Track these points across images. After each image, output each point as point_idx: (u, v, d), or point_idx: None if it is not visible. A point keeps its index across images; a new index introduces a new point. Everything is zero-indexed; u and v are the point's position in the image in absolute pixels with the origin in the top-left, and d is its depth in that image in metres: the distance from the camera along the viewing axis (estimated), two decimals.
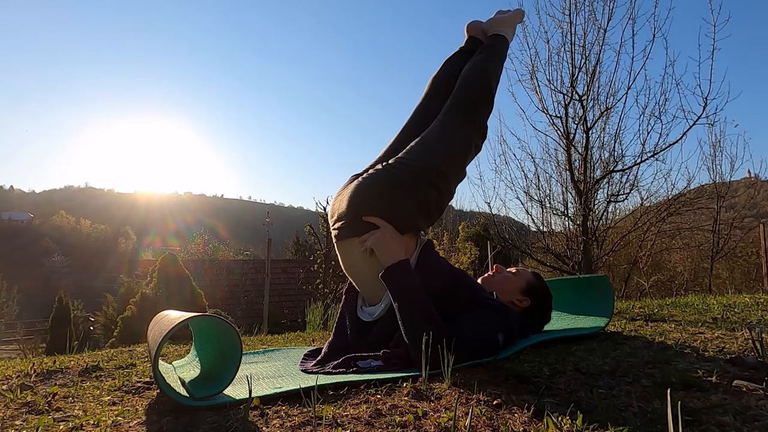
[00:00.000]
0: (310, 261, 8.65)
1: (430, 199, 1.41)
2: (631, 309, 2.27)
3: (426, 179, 1.40)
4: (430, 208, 1.43)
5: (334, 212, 1.46)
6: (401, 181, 1.38)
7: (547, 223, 5.71)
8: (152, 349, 1.01)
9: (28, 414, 0.95)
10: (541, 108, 5.29)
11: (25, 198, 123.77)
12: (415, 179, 1.39)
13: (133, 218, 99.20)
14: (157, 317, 1.24)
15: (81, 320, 11.77)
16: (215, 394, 0.98)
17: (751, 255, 8.15)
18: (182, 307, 4.64)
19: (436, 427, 0.79)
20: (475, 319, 1.30)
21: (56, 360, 1.64)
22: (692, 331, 1.57)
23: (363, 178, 1.41)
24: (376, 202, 1.37)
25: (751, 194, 7.77)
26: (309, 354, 1.50)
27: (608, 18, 4.88)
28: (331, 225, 1.48)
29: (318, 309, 4.23)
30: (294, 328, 3.63)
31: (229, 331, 1.04)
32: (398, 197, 1.37)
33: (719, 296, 2.99)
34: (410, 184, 1.38)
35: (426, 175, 1.40)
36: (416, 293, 1.27)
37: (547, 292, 1.64)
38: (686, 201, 5.40)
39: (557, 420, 0.77)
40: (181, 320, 0.99)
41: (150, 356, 1.13)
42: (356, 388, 1.04)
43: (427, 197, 1.41)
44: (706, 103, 4.35)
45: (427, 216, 1.44)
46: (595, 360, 1.20)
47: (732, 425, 0.76)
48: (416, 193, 1.39)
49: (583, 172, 5.13)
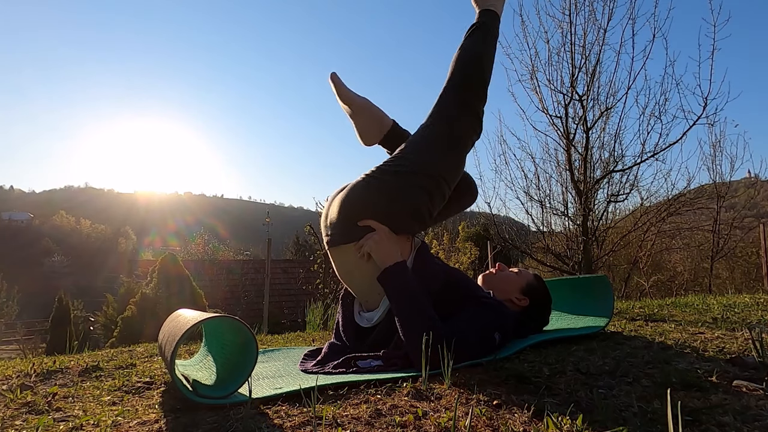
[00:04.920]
0: (310, 261, 8.64)
1: (421, 203, 1.38)
2: (631, 309, 2.27)
3: (415, 183, 1.37)
4: (422, 213, 1.40)
5: (325, 219, 1.45)
6: (389, 186, 1.36)
7: (547, 223, 5.71)
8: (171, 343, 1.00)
9: (28, 414, 0.95)
10: (541, 108, 5.29)
11: (25, 198, 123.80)
12: (403, 184, 1.37)
13: (133, 218, 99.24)
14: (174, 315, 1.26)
15: (81, 320, 11.75)
16: (229, 394, 0.98)
17: (751, 255, 8.16)
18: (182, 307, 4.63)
19: (436, 427, 0.79)
20: (471, 318, 1.30)
21: (56, 360, 1.63)
22: (692, 331, 1.57)
23: (352, 185, 1.40)
24: (366, 208, 1.36)
25: (751, 194, 7.76)
26: (309, 354, 1.49)
27: (608, 18, 4.88)
28: (323, 232, 1.46)
29: (318, 309, 4.23)
30: (294, 328, 3.63)
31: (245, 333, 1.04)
32: (387, 203, 1.36)
33: (719, 296, 2.99)
34: (399, 190, 1.36)
35: (415, 179, 1.37)
36: (413, 294, 1.26)
37: (546, 294, 1.64)
38: (686, 201, 5.40)
39: (557, 420, 0.77)
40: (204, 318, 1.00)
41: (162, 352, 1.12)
42: (356, 388, 1.04)
43: (417, 202, 1.37)
44: (706, 103, 4.35)
45: (419, 220, 1.41)
46: (595, 360, 1.20)
47: (732, 425, 0.75)
48: (405, 197, 1.36)
49: (583, 172, 5.13)
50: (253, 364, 1.00)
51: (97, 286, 31.83)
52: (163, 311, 5.83)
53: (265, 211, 51.94)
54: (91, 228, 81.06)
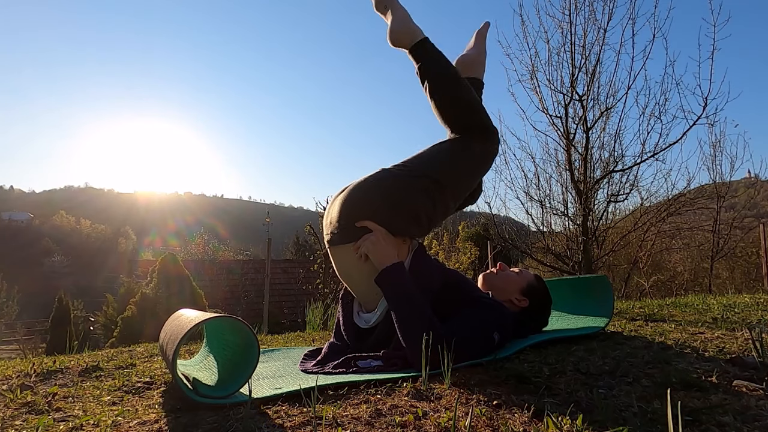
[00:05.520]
0: (310, 261, 8.65)
1: (421, 208, 1.38)
2: (631, 309, 2.27)
3: (419, 187, 1.38)
4: (422, 218, 1.40)
5: (327, 219, 1.46)
6: (393, 188, 1.37)
7: (547, 223, 5.71)
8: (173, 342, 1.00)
9: (28, 414, 0.95)
10: (541, 108, 5.29)
11: (25, 198, 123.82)
12: (406, 187, 1.38)
13: (133, 218, 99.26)
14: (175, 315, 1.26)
15: (81, 320, 11.76)
16: (230, 394, 0.98)
17: (751, 255, 8.15)
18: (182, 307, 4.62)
19: (436, 427, 0.79)
20: (470, 318, 1.30)
21: (56, 360, 1.64)
22: (692, 331, 1.57)
23: (355, 185, 1.41)
24: (366, 209, 1.36)
25: (751, 194, 7.76)
26: (309, 354, 1.50)
27: (608, 18, 4.88)
28: (324, 232, 1.47)
29: (318, 309, 4.23)
30: (294, 328, 3.63)
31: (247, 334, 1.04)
32: (388, 204, 1.36)
33: (719, 296, 2.99)
34: (400, 192, 1.37)
35: (420, 183, 1.38)
36: (411, 295, 1.27)
37: (547, 295, 1.64)
38: (686, 201, 5.40)
39: (557, 420, 0.77)
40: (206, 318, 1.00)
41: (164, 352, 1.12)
42: (356, 388, 1.04)
43: (417, 206, 1.38)
44: (706, 103, 4.35)
45: (418, 225, 1.41)
46: (595, 360, 1.20)
47: (732, 425, 0.75)
48: (407, 200, 1.37)
49: (583, 172, 5.13)
50: (254, 366, 1.00)
51: (97, 286, 31.84)
52: (163, 311, 5.83)
53: (265, 211, 51.95)
54: (91, 228, 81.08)
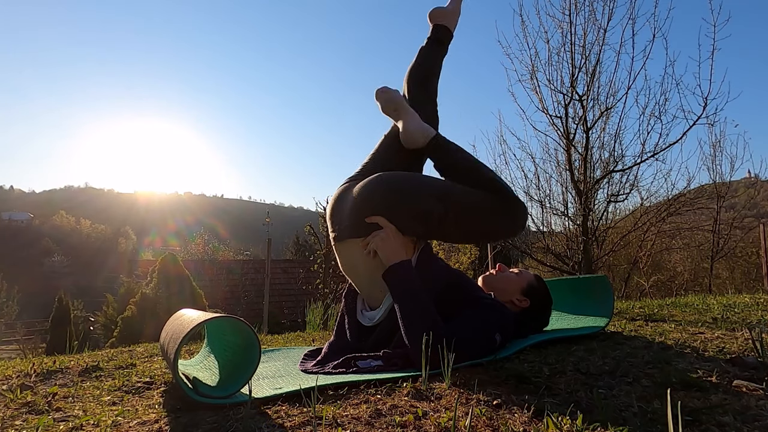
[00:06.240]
0: (310, 261, 8.65)
1: (433, 210, 1.36)
2: (631, 309, 2.27)
3: (432, 192, 1.38)
4: (432, 218, 1.37)
5: (333, 214, 1.46)
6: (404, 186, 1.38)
7: (547, 223, 5.72)
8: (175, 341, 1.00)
9: (28, 414, 0.95)
10: (541, 108, 5.30)
11: (25, 198, 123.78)
12: (419, 185, 1.39)
13: (133, 218, 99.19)
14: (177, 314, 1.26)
15: (81, 320, 11.75)
16: (230, 394, 0.98)
17: (751, 255, 8.15)
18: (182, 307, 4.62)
19: (436, 427, 0.79)
20: (473, 319, 1.30)
21: (56, 360, 1.64)
22: (692, 331, 1.57)
23: (367, 180, 1.41)
24: (377, 205, 1.37)
25: (751, 194, 7.77)
26: (309, 354, 1.50)
27: (608, 18, 4.90)
28: (330, 227, 1.47)
29: (318, 309, 4.22)
30: (294, 328, 3.64)
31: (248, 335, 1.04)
32: (399, 202, 1.36)
33: (719, 296, 2.99)
34: (413, 190, 1.38)
35: (433, 188, 1.39)
36: (417, 293, 1.27)
37: (547, 295, 1.63)
38: (686, 201, 5.40)
39: (557, 420, 0.77)
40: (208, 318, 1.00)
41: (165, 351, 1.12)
42: (356, 388, 1.04)
43: (429, 206, 1.37)
44: (706, 103, 4.35)
45: (426, 225, 1.39)
46: (595, 360, 1.20)
47: (732, 425, 0.75)
48: (419, 200, 1.37)
49: (583, 172, 5.14)
50: (255, 366, 1.00)
51: (97, 286, 31.83)
52: (163, 311, 5.83)
53: (265, 211, 51.97)
54: (91, 228, 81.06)
